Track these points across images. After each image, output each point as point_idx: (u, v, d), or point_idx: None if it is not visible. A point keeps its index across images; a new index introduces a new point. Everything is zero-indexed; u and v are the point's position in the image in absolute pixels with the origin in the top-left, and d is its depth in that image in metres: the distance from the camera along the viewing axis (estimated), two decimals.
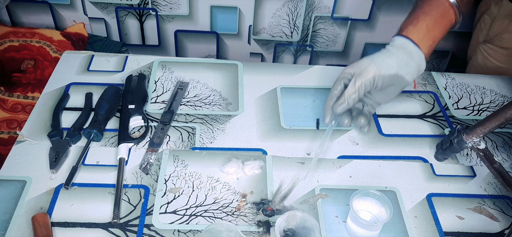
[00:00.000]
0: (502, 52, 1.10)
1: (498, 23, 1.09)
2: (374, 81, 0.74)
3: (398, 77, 0.75)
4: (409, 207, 0.74)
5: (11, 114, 1.29)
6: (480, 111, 0.93)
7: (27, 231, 0.67)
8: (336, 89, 0.77)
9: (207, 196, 0.73)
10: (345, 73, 0.77)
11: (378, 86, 0.75)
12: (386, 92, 0.77)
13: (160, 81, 0.95)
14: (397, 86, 0.76)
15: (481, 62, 1.16)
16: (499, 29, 1.09)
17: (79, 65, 0.97)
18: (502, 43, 1.09)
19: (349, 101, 0.75)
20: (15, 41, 1.42)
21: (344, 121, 0.77)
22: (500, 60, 1.11)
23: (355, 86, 0.74)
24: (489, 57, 1.13)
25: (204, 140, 0.83)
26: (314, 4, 1.54)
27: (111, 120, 0.85)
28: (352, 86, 0.74)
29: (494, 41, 1.11)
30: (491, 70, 1.14)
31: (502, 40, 1.09)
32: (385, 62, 0.74)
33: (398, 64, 0.74)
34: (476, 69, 1.18)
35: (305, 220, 0.64)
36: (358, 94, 0.74)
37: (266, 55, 1.70)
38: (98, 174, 0.76)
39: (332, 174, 0.78)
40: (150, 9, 1.56)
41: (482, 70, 1.16)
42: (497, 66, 1.12)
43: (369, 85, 0.74)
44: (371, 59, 0.75)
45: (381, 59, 0.75)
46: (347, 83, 0.76)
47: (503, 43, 1.09)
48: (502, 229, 0.72)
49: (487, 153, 0.72)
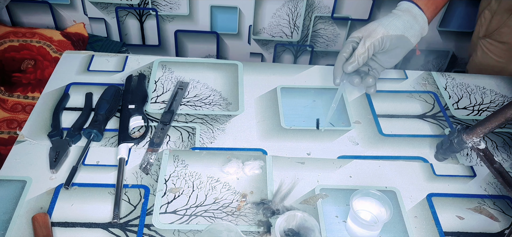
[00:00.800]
0: (501, 47, 1.11)
1: (498, 17, 1.09)
2: (382, 41, 0.80)
3: (403, 39, 0.81)
4: (409, 207, 0.74)
5: (11, 114, 1.29)
6: (480, 111, 0.93)
7: (27, 231, 0.67)
8: (345, 52, 0.82)
9: (207, 196, 0.73)
10: (353, 37, 0.83)
11: (386, 47, 0.81)
12: (391, 54, 0.83)
13: (160, 81, 0.95)
14: (402, 49, 0.82)
15: (481, 58, 1.16)
16: (499, 24, 1.09)
17: (79, 65, 0.97)
18: (501, 38, 1.09)
19: (359, 60, 0.80)
20: (15, 41, 1.42)
21: (354, 80, 0.83)
22: (499, 56, 1.12)
23: (365, 46, 0.80)
24: (488, 52, 1.13)
25: (204, 140, 0.83)
26: (314, 4, 1.54)
27: (111, 120, 0.85)
28: (362, 46, 0.80)
29: (493, 36, 1.11)
30: (490, 67, 1.14)
31: (501, 34, 1.09)
32: (392, 24, 0.81)
33: (404, 26, 0.81)
34: (476, 65, 1.18)
35: (305, 220, 0.64)
36: (368, 54, 0.80)
37: (266, 55, 1.70)
38: (98, 174, 0.76)
39: (332, 174, 0.78)
40: (150, 9, 1.56)
41: (482, 67, 1.16)
42: (496, 62, 1.13)
43: (378, 45, 0.80)
44: (379, 22, 0.81)
45: (389, 21, 0.81)
46: (355, 46, 0.82)
47: (502, 38, 1.09)
48: (502, 229, 0.72)
49: (487, 153, 0.72)
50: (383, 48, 0.81)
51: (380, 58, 0.84)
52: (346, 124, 0.88)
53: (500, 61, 1.12)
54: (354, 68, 0.81)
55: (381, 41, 0.80)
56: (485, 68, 1.15)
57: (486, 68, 1.15)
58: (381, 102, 0.93)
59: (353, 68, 0.81)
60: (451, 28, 1.58)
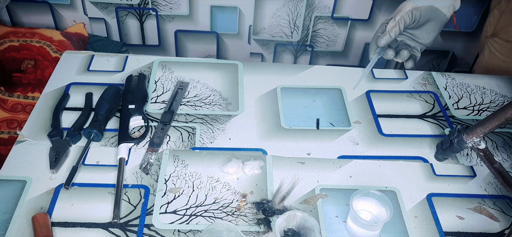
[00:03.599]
0: (508, 47, 1.11)
1: (506, 16, 1.09)
2: (412, 14, 0.80)
3: (434, 10, 0.81)
4: (409, 207, 0.74)
5: (11, 114, 1.29)
6: (480, 111, 0.93)
7: (27, 231, 0.67)
8: (379, 32, 0.84)
9: (207, 196, 0.73)
10: (387, 19, 0.84)
11: (417, 19, 0.80)
12: (426, 28, 0.83)
13: (160, 81, 0.95)
14: (435, 21, 0.82)
15: (488, 57, 1.16)
16: (506, 22, 1.09)
17: (79, 65, 0.97)
18: (508, 37, 1.10)
19: (391, 33, 0.81)
20: (15, 41, 1.42)
21: (388, 52, 0.83)
22: (506, 55, 1.12)
23: (395, 20, 0.80)
24: (495, 52, 1.14)
25: (204, 140, 0.83)
26: (314, 4, 1.54)
27: (111, 120, 0.85)
28: (392, 20, 0.81)
29: (500, 35, 1.12)
30: (497, 66, 1.14)
31: (508, 33, 1.09)
32: None
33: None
34: (483, 65, 1.18)
35: (305, 220, 0.64)
36: (399, 27, 0.80)
37: (266, 55, 1.70)
38: (98, 174, 0.76)
39: (332, 174, 0.78)
40: (150, 9, 1.56)
41: (489, 67, 1.16)
42: (503, 61, 1.13)
43: (408, 19, 0.80)
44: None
45: None
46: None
47: (509, 37, 1.10)
48: (502, 229, 0.72)
49: (487, 153, 0.72)
50: (415, 21, 0.81)
51: (416, 34, 0.84)
52: (346, 124, 0.88)
53: (507, 61, 1.12)
54: (387, 41, 0.81)
55: (410, 15, 0.80)
56: (492, 68, 1.15)
57: (493, 68, 1.15)
58: (381, 102, 0.93)
59: (386, 41, 0.81)
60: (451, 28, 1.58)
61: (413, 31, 0.84)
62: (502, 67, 1.13)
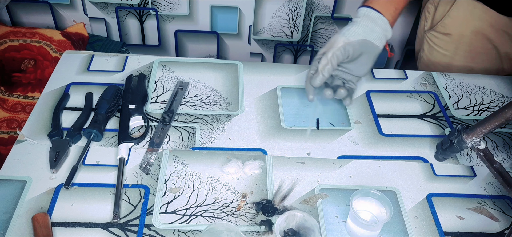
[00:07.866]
0: (446, 39, 1.10)
1: (441, 9, 1.09)
2: (344, 50, 0.79)
3: (367, 43, 0.80)
4: (409, 207, 0.74)
5: (11, 114, 1.29)
6: (480, 111, 0.93)
7: (27, 231, 0.67)
8: (312, 69, 0.83)
9: (207, 196, 0.73)
10: (319, 54, 0.82)
11: (350, 54, 0.80)
12: (359, 61, 0.82)
13: (160, 81, 0.95)
14: (369, 54, 0.82)
15: (428, 52, 1.16)
16: (442, 15, 1.09)
17: (79, 65, 0.97)
18: (445, 29, 1.09)
19: (324, 72, 0.80)
20: (15, 41, 1.43)
21: (326, 93, 0.83)
22: (445, 48, 1.11)
23: (327, 58, 0.79)
24: (435, 46, 1.13)
25: (204, 140, 0.83)
26: (314, 4, 1.54)
27: (111, 120, 0.85)
28: (324, 58, 0.80)
29: (438, 28, 1.11)
30: (437, 61, 1.14)
31: (444, 26, 1.09)
32: (351, 30, 0.81)
33: (364, 31, 0.81)
34: (424, 60, 1.18)
35: (305, 220, 0.64)
36: (331, 65, 0.80)
37: (266, 55, 1.70)
38: (98, 174, 0.76)
39: (332, 174, 0.78)
40: (150, 9, 1.56)
41: (429, 61, 1.16)
42: (443, 55, 1.12)
43: (341, 55, 0.80)
44: (339, 33, 0.82)
45: (347, 29, 0.81)
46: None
47: (445, 29, 1.09)
48: (502, 229, 0.72)
49: (487, 153, 0.72)
50: (348, 56, 0.80)
51: (350, 68, 0.84)
52: (346, 124, 0.88)
53: (446, 54, 1.12)
54: (321, 81, 0.80)
55: (343, 50, 0.79)
56: (433, 63, 1.15)
57: (434, 63, 1.15)
58: (381, 102, 0.93)
59: (320, 81, 0.80)
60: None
61: (347, 65, 0.83)
62: (442, 60, 1.13)
